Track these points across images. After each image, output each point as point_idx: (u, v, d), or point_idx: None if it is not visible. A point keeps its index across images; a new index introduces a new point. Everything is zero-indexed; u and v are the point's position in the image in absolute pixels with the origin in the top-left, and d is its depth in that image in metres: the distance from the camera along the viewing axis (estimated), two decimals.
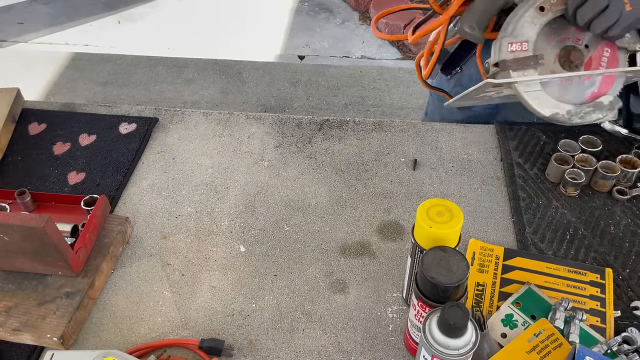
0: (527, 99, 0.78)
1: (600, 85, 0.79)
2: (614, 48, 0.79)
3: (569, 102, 0.79)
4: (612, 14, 0.71)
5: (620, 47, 0.78)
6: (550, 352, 0.66)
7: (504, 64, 0.77)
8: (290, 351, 0.74)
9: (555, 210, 0.90)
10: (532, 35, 0.76)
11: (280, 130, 1.08)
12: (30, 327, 0.73)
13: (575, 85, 0.79)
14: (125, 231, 0.87)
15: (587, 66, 0.80)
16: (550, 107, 0.78)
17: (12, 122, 1.08)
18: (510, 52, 0.76)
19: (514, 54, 0.76)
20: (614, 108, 0.80)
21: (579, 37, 0.79)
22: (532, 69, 0.77)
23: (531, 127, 1.05)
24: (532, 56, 0.76)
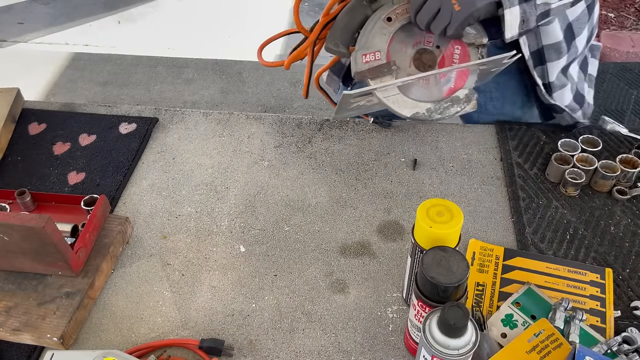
0: (387, 104, 0.83)
1: (456, 80, 0.84)
2: (463, 45, 0.83)
3: (429, 101, 0.84)
4: (445, 15, 0.76)
5: (469, 43, 0.82)
6: (550, 352, 0.66)
7: (360, 74, 0.82)
8: (290, 351, 0.74)
9: (555, 210, 0.90)
10: (384, 44, 0.82)
11: (280, 130, 1.08)
12: (30, 327, 0.73)
13: (433, 84, 0.84)
14: (125, 231, 0.87)
15: (441, 65, 0.84)
16: (410, 108, 0.83)
17: (12, 122, 1.08)
18: (365, 63, 0.82)
19: (369, 64, 0.82)
20: (471, 100, 0.84)
21: (430, 40, 0.83)
22: (387, 75, 0.82)
23: (531, 127, 1.05)
24: (385, 64, 0.82)
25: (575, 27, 0.91)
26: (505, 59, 0.79)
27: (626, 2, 3.15)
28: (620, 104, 2.38)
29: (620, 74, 2.55)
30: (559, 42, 0.91)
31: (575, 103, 1.02)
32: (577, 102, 1.02)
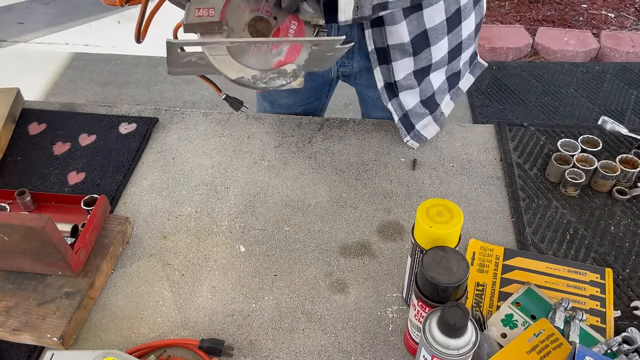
0: (213, 62, 0.82)
1: (287, 54, 0.84)
2: (300, 22, 0.83)
3: (257, 69, 0.84)
4: None
5: (305, 21, 0.83)
6: (550, 352, 0.66)
7: (190, 27, 0.82)
8: (290, 351, 0.74)
9: (555, 210, 0.90)
10: (219, 3, 0.81)
11: (280, 130, 1.08)
12: (30, 327, 0.73)
13: (264, 53, 0.84)
14: (125, 231, 0.87)
15: (275, 36, 0.85)
16: (236, 71, 0.83)
17: (12, 122, 1.08)
18: (197, 17, 0.81)
19: (201, 18, 0.81)
20: (297, 76, 0.84)
21: (268, 9, 0.84)
22: (217, 34, 0.82)
23: (531, 127, 1.05)
24: (217, 22, 0.81)
25: (432, 36, 0.91)
26: (337, 43, 0.79)
27: (626, 2, 3.15)
28: (620, 104, 2.38)
29: (620, 74, 2.55)
30: (404, 44, 0.90)
31: (425, 108, 1.02)
32: (427, 107, 1.02)
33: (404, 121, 1.01)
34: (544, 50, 2.79)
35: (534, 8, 3.13)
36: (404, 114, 1.00)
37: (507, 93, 2.49)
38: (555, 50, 2.76)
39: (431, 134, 1.04)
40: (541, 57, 2.81)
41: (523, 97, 2.46)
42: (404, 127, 1.01)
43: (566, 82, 2.52)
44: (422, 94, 1.00)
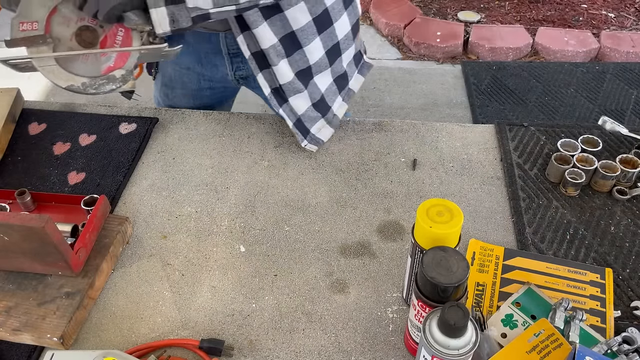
0: (42, 73, 0.85)
1: (116, 60, 0.87)
2: (127, 28, 0.86)
3: (86, 76, 0.86)
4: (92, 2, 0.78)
5: (133, 28, 0.85)
6: (550, 352, 0.66)
7: (13, 42, 0.84)
8: (290, 351, 0.74)
9: (555, 210, 0.90)
10: (43, 15, 0.84)
11: (280, 130, 1.08)
12: (30, 327, 0.73)
13: (92, 61, 0.87)
14: (125, 231, 0.87)
15: (103, 44, 0.87)
16: (65, 80, 0.86)
17: (12, 122, 1.08)
18: (21, 31, 0.83)
19: (25, 32, 0.83)
20: (127, 80, 0.87)
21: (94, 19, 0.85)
22: (43, 46, 0.84)
23: (531, 127, 1.05)
24: (40, 35, 0.84)
25: (301, 37, 0.92)
26: (163, 50, 0.82)
27: (626, 2, 3.15)
28: (620, 104, 2.38)
29: (620, 74, 2.55)
30: (274, 46, 0.91)
31: (317, 111, 1.02)
32: (319, 111, 1.03)
33: (298, 126, 1.01)
34: (544, 50, 2.79)
35: (534, 8, 3.13)
36: (297, 118, 1.01)
37: (507, 93, 2.49)
38: (555, 50, 2.76)
39: (327, 136, 1.04)
40: (541, 57, 2.81)
41: (523, 97, 2.46)
42: (299, 132, 1.01)
43: (566, 82, 2.52)
44: (311, 98, 1.01)
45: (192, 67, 1.13)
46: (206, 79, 1.15)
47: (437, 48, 2.83)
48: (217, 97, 1.23)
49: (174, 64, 1.15)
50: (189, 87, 1.18)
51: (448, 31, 2.90)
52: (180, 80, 1.17)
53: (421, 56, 2.89)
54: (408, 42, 2.94)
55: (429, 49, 2.85)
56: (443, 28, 2.93)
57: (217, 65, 1.11)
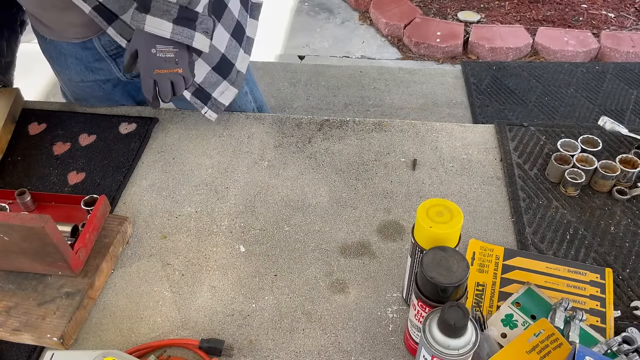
0: None
1: None
2: None
3: None
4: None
5: None
6: (550, 352, 0.66)
7: None
8: (290, 351, 0.74)
9: (555, 210, 0.90)
10: None
11: (280, 130, 1.08)
12: (30, 327, 0.73)
13: None
14: (125, 231, 0.87)
15: None
16: None
17: (12, 122, 1.08)
18: None
19: None
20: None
21: None
22: None
23: (531, 127, 1.05)
24: None
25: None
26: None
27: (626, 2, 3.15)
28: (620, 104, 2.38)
29: (620, 74, 2.55)
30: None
31: (218, 75, 0.99)
32: (220, 74, 0.99)
33: (197, 94, 0.99)
34: (544, 50, 2.79)
35: (534, 8, 3.13)
36: (196, 88, 0.98)
37: (507, 93, 2.48)
38: (555, 50, 2.76)
39: (229, 99, 1.02)
40: (541, 57, 2.81)
41: (523, 97, 2.45)
42: (199, 99, 0.98)
43: (566, 82, 2.52)
44: (210, 62, 0.97)
45: (84, 78, 1.08)
46: (104, 82, 1.10)
47: (437, 48, 2.83)
48: (135, 93, 1.17)
49: (69, 81, 1.10)
50: (98, 95, 1.12)
51: (448, 31, 2.90)
52: (85, 92, 1.12)
53: (421, 56, 2.89)
54: (408, 42, 2.93)
55: (429, 49, 2.85)
56: (443, 28, 2.93)
57: (104, 70, 1.07)
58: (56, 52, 1.05)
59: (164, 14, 0.81)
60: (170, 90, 0.87)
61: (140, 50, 0.85)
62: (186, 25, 0.83)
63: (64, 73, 1.09)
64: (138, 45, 0.85)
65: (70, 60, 1.06)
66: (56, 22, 0.99)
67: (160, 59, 0.84)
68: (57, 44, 1.03)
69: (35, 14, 1.00)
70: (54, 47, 1.05)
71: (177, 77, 0.86)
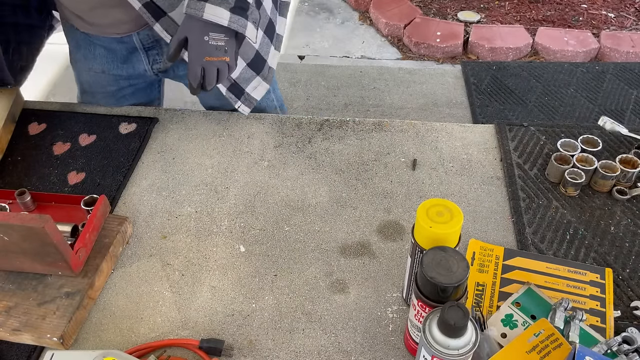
0: None
1: None
2: None
3: None
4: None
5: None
6: (550, 352, 0.66)
7: None
8: (290, 351, 0.74)
9: (555, 210, 0.90)
10: None
11: (280, 130, 1.08)
12: (30, 327, 0.73)
13: None
14: (125, 231, 0.87)
15: None
16: None
17: (12, 122, 1.08)
18: None
19: None
20: None
21: None
22: None
23: (531, 127, 1.05)
24: None
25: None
26: None
27: (626, 2, 3.15)
28: (620, 104, 2.38)
29: (620, 74, 2.55)
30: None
31: (252, 71, 1.03)
32: (254, 69, 1.04)
33: (232, 89, 1.03)
34: (544, 50, 2.79)
35: (534, 8, 3.13)
36: (231, 84, 1.02)
37: (507, 93, 2.48)
38: (555, 50, 2.76)
39: (261, 94, 1.06)
40: (541, 57, 2.81)
41: (523, 97, 2.45)
42: (233, 94, 1.02)
43: (566, 82, 2.52)
44: (245, 58, 1.01)
45: (107, 69, 1.10)
46: (124, 78, 1.13)
47: (437, 48, 2.83)
48: (141, 93, 1.20)
49: (87, 69, 1.12)
50: (108, 89, 1.14)
51: (448, 31, 2.90)
52: (99, 85, 1.14)
53: (421, 56, 2.89)
54: (408, 42, 2.93)
55: (429, 49, 2.85)
56: (443, 28, 2.93)
57: (133, 63, 1.09)
58: (85, 41, 1.06)
59: (222, 3, 0.84)
60: (215, 77, 0.90)
61: (192, 37, 0.87)
62: (240, 14, 0.86)
63: (85, 62, 1.10)
64: (190, 32, 0.87)
65: (99, 51, 1.07)
66: (101, 19, 1.00)
67: (212, 47, 0.87)
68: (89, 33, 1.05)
69: (77, 11, 1.01)
70: (84, 37, 1.06)
71: (223, 65, 0.89)
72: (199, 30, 0.86)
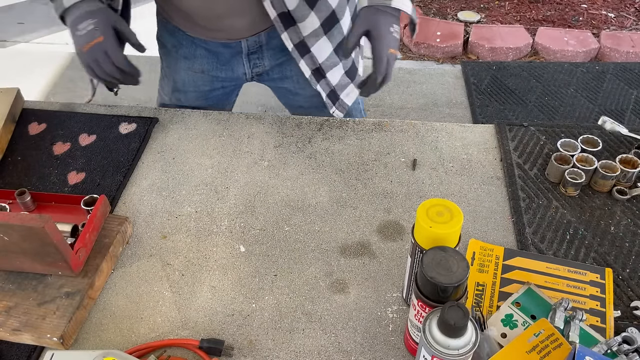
0: None
1: None
2: None
3: None
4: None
5: None
6: (550, 352, 0.66)
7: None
8: (290, 351, 0.74)
9: (555, 210, 0.90)
10: None
11: (280, 130, 1.08)
12: (30, 327, 0.73)
13: None
14: (125, 231, 0.87)
15: None
16: None
17: (12, 122, 1.08)
18: None
19: None
20: None
21: None
22: None
23: (531, 127, 1.05)
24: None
25: (339, 14, 0.98)
26: None
27: (626, 2, 3.15)
28: (620, 104, 2.38)
29: (620, 74, 2.55)
30: (316, 30, 0.96)
31: (348, 78, 1.07)
32: (349, 77, 1.08)
33: (330, 96, 1.06)
34: (544, 50, 2.79)
35: (534, 8, 3.13)
36: (331, 90, 1.05)
37: (507, 93, 2.48)
38: (555, 50, 2.76)
39: (352, 100, 1.10)
40: (541, 57, 2.81)
41: (523, 97, 2.45)
42: (330, 100, 1.06)
43: (566, 82, 2.52)
44: (344, 66, 1.06)
45: (206, 70, 1.13)
46: (219, 79, 1.16)
47: (437, 48, 2.83)
48: (227, 95, 1.24)
49: (186, 69, 1.15)
50: (202, 89, 1.18)
51: (448, 31, 2.90)
52: (194, 84, 1.17)
53: (421, 56, 2.89)
54: (408, 42, 2.93)
55: (429, 49, 2.85)
56: (443, 28, 2.93)
57: (233, 66, 1.12)
58: (187, 41, 1.08)
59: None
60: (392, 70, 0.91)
61: (379, 29, 0.88)
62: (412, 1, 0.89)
63: (185, 61, 1.12)
64: (376, 24, 0.88)
65: (200, 52, 1.09)
66: (219, 26, 1.02)
67: (394, 39, 0.89)
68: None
69: (200, 18, 1.01)
70: (186, 37, 1.07)
71: (393, 58, 0.90)
72: (386, 21, 0.88)
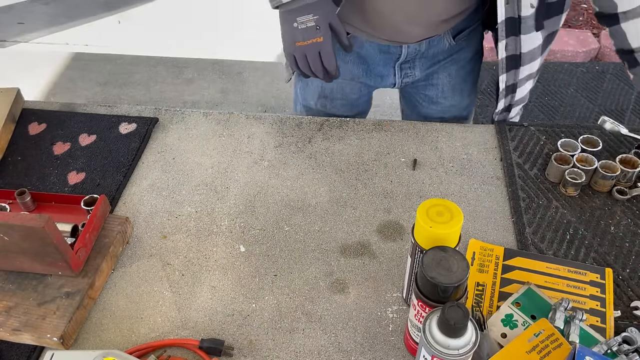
0: None
1: None
2: None
3: None
4: None
5: None
6: (550, 352, 0.66)
7: None
8: (290, 351, 0.74)
9: (555, 210, 0.90)
10: None
11: (280, 130, 1.08)
12: (30, 327, 0.73)
13: None
14: (125, 231, 0.87)
15: None
16: None
17: (12, 122, 1.08)
18: None
19: None
20: None
21: None
22: None
23: (531, 127, 1.05)
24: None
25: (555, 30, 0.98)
26: None
27: None
28: (620, 104, 2.38)
29: (620, 74, 2.55)
30: (538, 47, 0.96)
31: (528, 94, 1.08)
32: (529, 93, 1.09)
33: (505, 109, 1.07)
34: None
35: None
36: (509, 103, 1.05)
37: None
38: (555, 50, 2.76)
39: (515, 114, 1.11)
40: None
41: None
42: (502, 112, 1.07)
43: (566, 82, 2.52)
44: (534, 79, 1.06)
45: (356, 77, 1.13)
46: (368, 87, 1.16)
47: None
48: (367, 103, 1.24)
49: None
50: (350, 97, 1.17)
51: None
52: (342, 91, 1.16)
53: None
54: None
55: None
56: None
57: (383, 75, 1.11)
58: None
59: None
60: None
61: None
62: None
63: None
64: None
65: (350, 57, 1.08)
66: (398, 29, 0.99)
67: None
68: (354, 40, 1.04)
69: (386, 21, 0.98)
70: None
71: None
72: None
